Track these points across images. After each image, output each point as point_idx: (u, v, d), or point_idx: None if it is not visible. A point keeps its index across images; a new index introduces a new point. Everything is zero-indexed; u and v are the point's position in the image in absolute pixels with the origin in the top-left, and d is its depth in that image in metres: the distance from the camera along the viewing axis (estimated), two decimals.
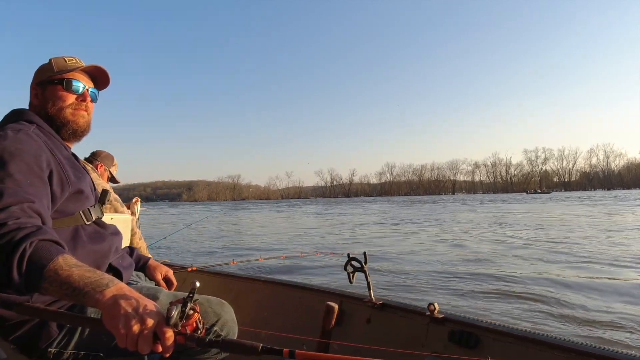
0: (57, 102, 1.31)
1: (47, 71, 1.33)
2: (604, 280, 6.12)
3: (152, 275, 1.67)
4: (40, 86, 1.33)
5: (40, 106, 1.32)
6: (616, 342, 3.76)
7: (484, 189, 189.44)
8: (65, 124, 1.32)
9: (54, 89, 1.32)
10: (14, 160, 1.04)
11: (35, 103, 1.33)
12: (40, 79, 1.33)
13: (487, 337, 1.44)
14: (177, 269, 2.43)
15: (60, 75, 1.32)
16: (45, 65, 1.36)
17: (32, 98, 1.34)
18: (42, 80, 1.33)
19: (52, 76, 1.32)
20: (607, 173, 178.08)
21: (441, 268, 7.35)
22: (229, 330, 1.33)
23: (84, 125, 1.36)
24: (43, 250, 0.87)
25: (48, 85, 1.32)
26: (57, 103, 1.31)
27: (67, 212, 1.22)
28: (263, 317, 2.19)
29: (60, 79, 1.32)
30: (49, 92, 1.32)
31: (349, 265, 1.86)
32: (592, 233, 12.42)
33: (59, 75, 1.32)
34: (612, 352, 1.15)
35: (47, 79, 1.32)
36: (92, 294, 0.83)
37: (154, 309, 0.83)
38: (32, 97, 1.34)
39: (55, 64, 1.34)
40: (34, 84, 1.34)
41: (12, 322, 1.14)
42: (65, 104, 1.32)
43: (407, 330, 1.68)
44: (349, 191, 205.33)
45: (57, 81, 1.32)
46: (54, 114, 1.31)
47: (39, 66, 1.36)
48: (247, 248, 12.23)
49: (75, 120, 1.33)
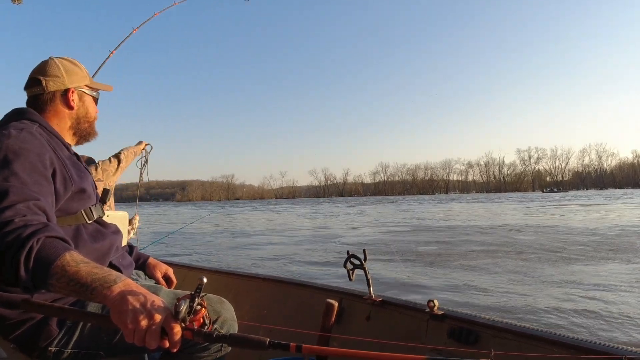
0: (92, 113, 1.42)
1: (83, 79, 1.39)
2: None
3: (152, 274, 1.67)
4: (76, 91, 1.36)
5: (76, 112, 1.37)
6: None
7: (477, 189, 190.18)
8: (90, 134, 1.44)
9: (90, 99, 1.41)
10: (19, 159, 1.05)
11: (73, 106, 1.35)
12: (78, 85, 1.37)
13: (487, 334, 1.45)
14: (176, 267, 2.43)
15: (95, 87, 1.43)
16: (76, 68, 1.38)
17: (68, 100, 1.34)
18: (79, 87, 1.37)
19: (88, 86, 1.40)
20: (600, 173, 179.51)
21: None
22: (229, 328, 1.34)
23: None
24: (50, 247, 0.87)
25: (85, 95, 1.39)
26: (91, 114, 1.42)
27: (69, 211, 1.22)
28: (263, 315, 2.20)
29: (95, 90, 1.43)
30: (86, 100, 1.39)
31: (349, 262, 1.87)
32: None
33: (94, 87, 1.42)
34: (613, 348, 1.16)
35: (85, 88, 1.39)
36: (100, 290, 0.84)
37: (161, 305, 0.84)
38: (69, 100, 1.34)
39: (87, 74, 1.41)
40: (72, 87, 1.34)
41: (12, 321, 1.14)
42: (94, 116, 1.43)
43: (406, 327, 1.69)
44: (342, 191, 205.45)
45: (93, 93, 1.42)
46: (87, 124, 1.40)
47: (65, 61, 1.37)
48: (247, 246, 12.23)
49: (96, 132, 1.46)
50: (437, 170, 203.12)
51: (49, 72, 1.32)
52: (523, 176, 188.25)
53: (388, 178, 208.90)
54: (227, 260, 9.87)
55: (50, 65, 1.33)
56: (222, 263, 9.47)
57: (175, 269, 1.78)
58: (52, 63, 1.34)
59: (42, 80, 1.30)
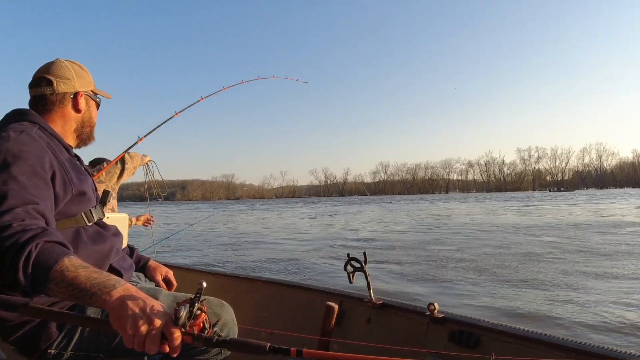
0: (94, 118, 1.44)
1: (90, 84, 1.41)
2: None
3: (152, 276, 1.67)
4: (84, 95, 1.38)
5: (82, 115, 1.38)
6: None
7: (477, 188, 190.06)
8: (90, 139, 1.45)
9: (94, 105, 1.43)
10: (18, 163, 1.04)
11: (81, 109, 1.37)
12: (86, 90, 1.38)
13: (487, 337, 1.45)
14: (176, 270, 2.43)
15: (99, 93, 1.45)
16: (83, 72, 1.39)
17: (77, 104, 1.35)
18: (87, 92, 1.38)
19: (94, 91, 1.42)
20: (600, 172, 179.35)
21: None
22: (229, 331, 1.34)
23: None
24: (49, 252, 0.86)
25: (91, 100, 1.41)
26: (94, 119, 1.44)
27: (69, 213, 1.22)
28: (263, 318, 2.19)
29: (98, 96, 1.45)
30: (92, 105, 1.41)
31: (349, 265, 1.86)
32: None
33: (98, 93, 1.45)
34: (613, 351, 1.16)
35: (91, 93, 1.41)
36: (99, 295, 0.83)
37: (161, 310, 0.83)
38: (78, 103, 1.35)
39: (92, 80, 1.43)
40: (81, 90, 1.36)
41: (12, 323, 1.14)
42: (95, 122, 1.44)
43: (407, 330, 1.69)
44: (343, 190, 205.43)
45: (97, 99, 1.44)
46: (89, 128, 1.42)
47: (74, 65, 1.38)
48: (247, 247, 12.23)
49: (94, 137, 1.47)
50: (438, 170, 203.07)
51: (60, 73, 1.31)
52: (523, 175, 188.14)
53: (388, 177, 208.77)
54: (227, 261, 9.85)
55: (61, 66, 1.33)
56: (222, 265, 9.46)
57: (175, 272, 1.77)
58: (63, 65, 1.34)
59: (54, 81, 1.29)
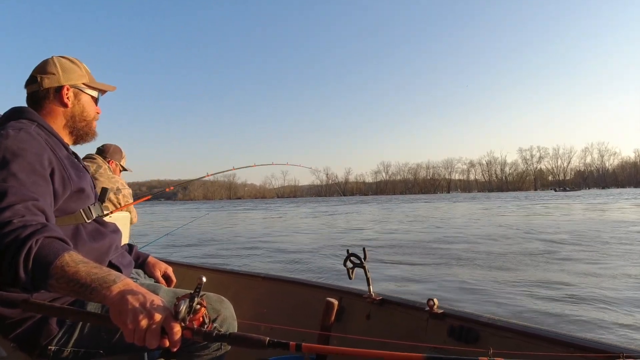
0: (89, 112, 1.40)
1: (81, 77, 1.37)
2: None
3: (152, 273, 1.68)
4: (72, 89, 1.35)
5: (71, 110, 1.35)
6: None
7: (479, 188, 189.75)
8: (88, 134, 1.42)
9: (87, 98, 1.39)
10: (17, 160, 1.05)
11: (67, 104, 1.34)
12: (74, 83, 1.35)
13: (486, 332, 1.45)
14: (176, 266, 2.43)
15: (94, 86, 1.41)
16: (74, 66, 1.37)
17: (62, 98, 1.33)
18: (75, 85, 1.36)
19: (87, 84, 1.39)
20: (602, 172, 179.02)
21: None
22: (229, 327, 1.35)
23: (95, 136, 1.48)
24: (49, 248, 0.87)
25: (82, 93, 1.37)
26: (88, 113, 1.40)
27: (68, 210, 1.23)
28: (262, 314, 2.20)
29: (94, 89, 1.42)
30: (82, 99, 1.38)
31: (348, 261, 1.87)
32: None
33: (93, 86, 1.41)
34: (611, 346, 1.16)
35: (82, 86, 1.37)
36: (99, 290, 0.84)
37: (161, 304, 0.84)
38: (63, 97, 1.33)
39: (86, 72, 1.40)
40: (67, 84, 1.34)
41: (12, 320, 1.14)
42: (92, 115, 1.41)
43: (406, 325, 1.69)
44: (344, 190, 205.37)
45: (92, 92, 1.41)
46: (83, 122, 1.39)
47: (64, 60, 1.37)
48: (247, 245, 12.24)
49: (94, 132, 1.44)
50: (439, 170, 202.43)
51: (45, 69, 1.32)
52: (525, 175, 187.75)
53: (390, 177, 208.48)
54: (227, 260, 9.87)
55: (48, 63, 1.34)
56: (222, 261, 9.48)
57: (174, 268, 1.78)
58: (50, 61, 1.34)
59: (38, 77, 1.31)
